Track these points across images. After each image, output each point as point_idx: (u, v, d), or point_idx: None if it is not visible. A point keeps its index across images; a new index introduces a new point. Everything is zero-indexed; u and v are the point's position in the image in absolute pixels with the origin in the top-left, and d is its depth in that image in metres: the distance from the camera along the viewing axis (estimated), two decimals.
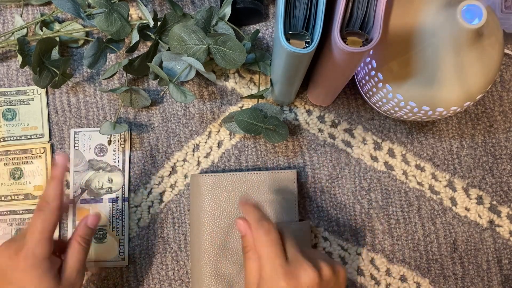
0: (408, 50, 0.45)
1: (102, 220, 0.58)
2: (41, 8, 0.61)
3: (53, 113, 0.60)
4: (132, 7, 0.61)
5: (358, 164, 0.60)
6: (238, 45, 0.51)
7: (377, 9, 0.39)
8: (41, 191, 0.58)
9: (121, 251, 0.58)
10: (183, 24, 0.51)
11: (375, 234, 0.59)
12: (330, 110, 0.61)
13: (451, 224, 0.60)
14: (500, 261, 0.59)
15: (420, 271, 0.59)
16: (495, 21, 0.46)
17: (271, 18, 0.62)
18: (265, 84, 0.61)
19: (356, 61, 0.42)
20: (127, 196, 0.59)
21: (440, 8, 0.43)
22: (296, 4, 0.41)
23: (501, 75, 0.62)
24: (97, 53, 0.55)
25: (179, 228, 0.59)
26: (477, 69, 0.45)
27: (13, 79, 0.60)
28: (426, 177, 0.60)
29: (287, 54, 0.41)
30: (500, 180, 0.61)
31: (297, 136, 0.60)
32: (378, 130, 0.61)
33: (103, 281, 0.58)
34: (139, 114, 0.60)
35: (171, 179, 0.60)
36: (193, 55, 0.53)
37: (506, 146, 0.61)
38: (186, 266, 0.58)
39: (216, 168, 0.60)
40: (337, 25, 0.39)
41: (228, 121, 0.58)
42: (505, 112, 0.61)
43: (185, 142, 0.60)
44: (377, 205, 0.60)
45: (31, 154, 0.59)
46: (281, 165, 0.60)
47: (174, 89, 0.53)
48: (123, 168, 0.59)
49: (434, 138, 0.61)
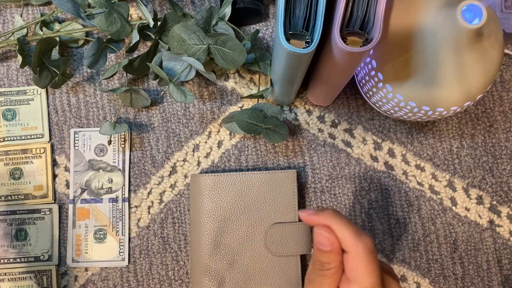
0: (408, 50, 0.45)
1: (102, 220, 0.58)
2: (41, 8, 0.61)
3: (53, 113, 0.60)
4: (132, 7, 0.61)
5: (358, 164, 0.60)
6: (238, 45, 0.51)
7: (377, 9, 0.39)
8: (41, 191, 0.59)
9: (121, 251, 0.58)
10: (183, 24, 0.51)
11: (375, 234, 0.59)
12: (330, 110, 0.61)
13: (451, 224, 0.60)
14: (500, 261, 0.59)
15: (420, 271, 0.59)
16: (495, 21, 0.46)
17: (271, 18, 0.62)
18: (265, 84, 0.61)
19: (356, 61, 0.42)
20: (127, 196, 0.59)
21: (440, 8, 0.43)
22: (296, 4, 0.41)
23: (501, 75, 0.62)
24: (97, 53, 0.55)
25: (179, 228, 0.59)
26: (477, 69, 0.45)
27: (13, 79, 0.60)
28: (426, 177, 0.60)
29: (287, 54, 0.41)
30: (500, 180, 0.60)
31: (297, 136, 0.60)
32: (378, 130, 0.61)
33: (103, 281, 0.58)
34: (139, 114, 0.60)
35: (171, 179, 0.60)
36: (193, 55, 0.53)
37: (506, 146, 0.61)
38: (186, 266, 0.58)
39: (216, 168, 0.60)
40: (337, 25, 0.39)
41: (228, 121, 0.58)
42: (505, 112, 0.61)
43: (185, 142, 0.60)
44: (377, 205, 0.60)
45: (31, 154, 0.59)
46: (281, 165, 0.60)
47: (174, 89, 0.53)
48: (123, 168, 0.59)
49: (434, 138, 0.61)
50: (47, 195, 0.58)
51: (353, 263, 0.35)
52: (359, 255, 0.35)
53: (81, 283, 0.58)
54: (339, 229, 0.36)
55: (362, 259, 0.35)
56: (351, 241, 0.35)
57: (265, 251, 0.56)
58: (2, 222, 0.58)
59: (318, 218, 0.37)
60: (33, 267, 0.57)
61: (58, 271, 0.58)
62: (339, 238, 0.36)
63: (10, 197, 0.58)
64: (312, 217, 0.37)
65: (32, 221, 0.58)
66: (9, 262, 0.58)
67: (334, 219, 0.36)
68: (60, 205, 0.59)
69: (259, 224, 0.56)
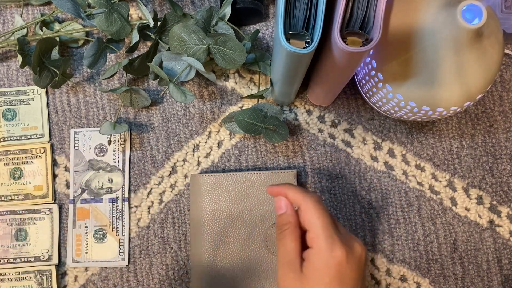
0: (408, 50, 0.45)
1: (102, 220, 0.58)
2: (41, 8, 0.61)
3: (53, 113, 0.60)
4: (132, 7, 0.61)
5: (358, 164, 0.60)
6: (238, 45, 0.51)
7: (377, 9, 0.39)
8: (41, 191, 0.59)
9: (121, 251, 0.58)
10: (183, 24, 0.51)
11: (375, 234, 0.59)
12: (330, 110, 0.61)
13: (451, 224, 0.60)
14: (500, 261, 0.59)
15: (420, 271, 0.59)
16: (495, 21, 0.46)
17: (271, 18, 0.62)
18: (265, 84, 0.61)
19: (356, 61, 0.42)
20: (127, 196, 0.59)
21: (440, 8, 0.43)
22: (296, 4, 0.41)
23: (501, 75, 0.62)
24: (97, 53, 0.55)
25: (179, 228, 0.59)
26: (477, 69, 0.45)
27: (13, 79, 0.60)
28: (426, 177, 0.60)
29: (287, 54, 0.41)
30: (500, 180, 0.60)
31: (297, 136, 0.60)
32: (378, 130, 0.61)
33: (103, 281, 0.58)
34: (139, 114, 0.60)
35: (171, 179, 0.60)
36: (193, 55, 0.53)
37: (506, 146, 0.61)
38: (186, 266, 0.58)
39: (216, 168, 0.60)
40: (337, 25, 0.39)
41: (228, 121, 0.58)
42: (505, 112, 0.61)
43: (185, 142, 0.60)
44: (377, 205, 0.60)
45: (31, 154, 0.59)
46: (281, 165, 0.60)
47: (174, 89, 0.53)
48: (123, 168, 0.59)
49: (434, 138, 0.61)
50: (47, 195, 0.58)
51: (306, 215, 0.42)
52: (308, 207, 0.42)
53: (81, 283, 0.58)
54: (292, 194, 0.44)
55: (311, 209, 0.42)
56: (300, 198, 0.43)
57: (265, 251, 0.56)
58: (2, 222, 0.58)
59: (278, 188, 0.45)
60: (33, 267, 0.57)
61: (58, 271, 0.58)
62: (292, 201, 0.44)
63: (10, 197, 0.58)
64: (272, 188, 0.46)
65: (32, 221, 0.58)
66: (9, 262, 0.58)
67: (287, 187, 0.44)
68: (60, 205, 0.59)
69: (259, 224, 0.56)
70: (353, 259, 0.41)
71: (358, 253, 0.42)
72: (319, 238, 0.41)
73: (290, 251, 0.42)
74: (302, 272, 0.41)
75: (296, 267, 0.42)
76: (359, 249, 0.42)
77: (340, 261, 0.40)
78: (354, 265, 0.41)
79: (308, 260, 0.41)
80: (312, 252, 0.41)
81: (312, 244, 0.42)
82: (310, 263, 0.41)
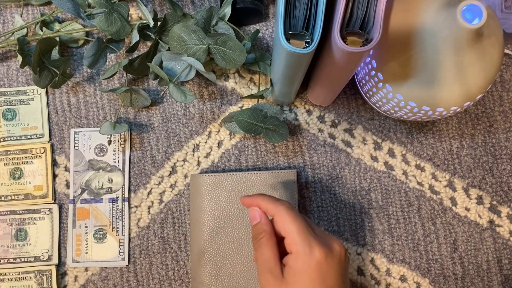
0: (408, 50, 0.45)
1: (102, 220, 0.58)
2: (41, 8, 0.61)
3: (53, 113, 0.60)
4: (132, 7, 0.61)
5: (358, 164, 0.60)
6: (238, 45, 0.51)
7: (377, 9, 0.39)
8: (41, 191, 0.59)
9: (121, 251, 0.58)
10: (183, 24, 0.51)
11: (375, 234, 0.59)
12: (330, 110, 0.61)
13: (451, 224, 0.60)
14: (500, 261, 0.59)
15: (420, 271, 0.59)
16: (495, 21, 0.46)
17: (271, 18, 0.62)
18: (265, 84, 0.61)
19: (356, 61, 0.42)
20: (127, 196, 0.59)
21: (440, 8, 0.43)
22: (296, 4, 0.41)
23: (501, 75, 0.62)
24: (97, 53, 0.55)
25: (179, 228, 0.59)
26: (477, 69, 0.45)
27: (13, 79, 0.60)
28: (426, 177, 0.60)
29: (287, 54, 0.41)
30: (500, 180, 0.60)
31: (297, 136, 0.60)
32: (378, 130, 0.61)
33: (103, 281, 0.58)
34: (139, 114, 0.60)
35: (171, 179, 0.60)
36: (193, 55, 0.53)
37: (506, 146, 0.61)
38: (186, 266, 0.58)
39: (216, 168, 0.60)
40: (337, 25, 0.39)
41: (228, 121, 0.58)
42: (505, 112, 0.61)
43: (185, 142, 0.60)
44: (377, 205, 0.60)
45: (31, 154, 0.59)
46: (281, 165, 0.60)
47: (174, 89, 0.53)
48: (123, 168, 0.59)
49: (434, 138, 0.61)
50: (47, 195, 0.58)
51: (280, 222, 0.43)
52: (281, 214, 0.43)
53: (81, 283, 0.58)
54: (263, 203, 0.44)
55: (284, 215, 0.42)
56: (272, 207, 0.44)
57: None
58: (2, 222, 0.58)
59: (250, 200, 0.46)
60: (33, 267, 0.57)
61: (58, 271, 0.58)
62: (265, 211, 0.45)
63: (10, 197, 0.58)
64: (245, 199, 0.46)
65: (32, 221, 0.58)
66: (9, 262, 0.58)
67: (259, 198, 0.45)
68: (60, 205, 0.59)
69: None
70: (333, 259, 0.42)
71: (337, 252, 0.42)
72: (296, 242, 0.41)
73: (268, 259, 0.43)
74: (284, 277, 0.42)
75: (277, 273, 0.42)
76: (338, 248, 0.42)
77: (320, 262, 0.41)
78: (335, 264, 0.42)
79: (288, 265, 0.42)
80: (291, 257, 0.42)
81: (290, 249, 0.42)
82: (291, 268, 0.41)
